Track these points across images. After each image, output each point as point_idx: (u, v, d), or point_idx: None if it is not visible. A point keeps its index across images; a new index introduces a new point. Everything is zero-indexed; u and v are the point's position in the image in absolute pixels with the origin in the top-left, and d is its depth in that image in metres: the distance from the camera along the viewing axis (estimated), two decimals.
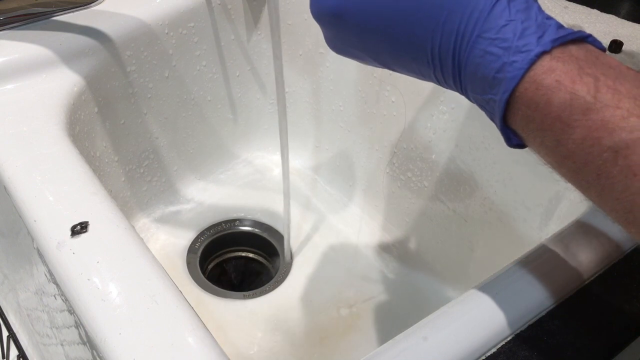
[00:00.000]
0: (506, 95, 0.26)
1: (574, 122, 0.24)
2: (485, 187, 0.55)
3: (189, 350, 0.33)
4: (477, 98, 0.28)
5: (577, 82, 0.24)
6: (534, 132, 0.26)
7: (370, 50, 0.31)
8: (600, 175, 0.25)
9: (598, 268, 0.38)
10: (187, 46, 0.64)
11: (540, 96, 0.25)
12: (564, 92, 0.24)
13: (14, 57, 0.52)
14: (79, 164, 0.45)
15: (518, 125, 0.27)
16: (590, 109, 0.24)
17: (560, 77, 0.25)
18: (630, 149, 0.23)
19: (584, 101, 0.24)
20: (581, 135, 0.24)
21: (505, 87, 0.26)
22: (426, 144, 0.60)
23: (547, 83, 0.25)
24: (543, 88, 0.25)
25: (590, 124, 0.24)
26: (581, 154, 0.25)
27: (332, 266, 0.66)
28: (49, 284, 0.42)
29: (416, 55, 0.28)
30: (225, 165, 0.74)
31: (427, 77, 0.30)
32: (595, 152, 0.24)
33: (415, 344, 0.33)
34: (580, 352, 0.34)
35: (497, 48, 0.26)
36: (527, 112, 0.26)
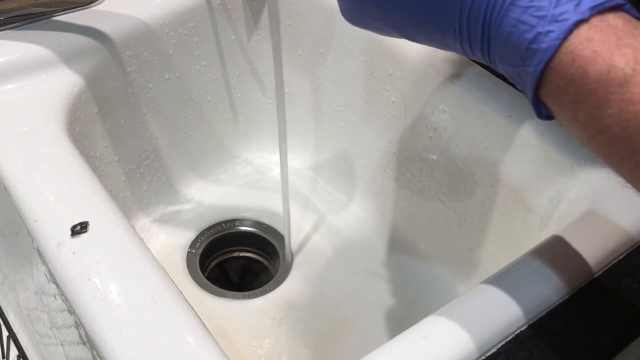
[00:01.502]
0: (540, 67, 0.25)
1: (611, 96, 0.23)
2: (485, 187, 0.55)
3: (189, 350, 0.33)
4: (507, 69, 0.27)
5: (615, 54, 0.23)
6: (567, 105, 0.25)
7: (391, 20, 0.29)
8: (635, 150, 0.24)
9: (598, 268, 0.38)
10: (187, 46, 0.64)
11: (576, 68, 0.24)
12: (602, 64, 0.23)
13: (14, 57, 0.52)
14: (79, 164, 0.45)
15: (550, 97, 0.26)
16: (628, 81, 0.23)
17: (598, 47, 0.24)
18: None
19: (622, 73, 0.23)
20: (618, 109, 0.23)
21: (540, 58, 0.25)
22: (426, 144, 0.60)
23: (584, 54, 0.24)
24: (579, 59, 0.24)
25: (629, 97, 0.23)
26: (617, 128, 0.24)
27: (332, 266, 0.66)
28: (49, 284, 0.42)
29: (442, 25, 0.27)
30: (225, 165, 0.74)
31: (452, 48, 0.28)
32: (631, 127, 0.23)
33: (415, 344, 0.33)
34: (580, 352, 0.34)
35: (531, 17, 0.24)
36: (561, 84, 0.24)
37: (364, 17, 0.31)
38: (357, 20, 0.32)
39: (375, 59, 0.61)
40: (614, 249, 0.39)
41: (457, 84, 0.54)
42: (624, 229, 0.41)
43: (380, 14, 0.29)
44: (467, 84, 0.54)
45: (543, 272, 0.37)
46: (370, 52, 0.61)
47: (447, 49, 0.29)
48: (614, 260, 0.39)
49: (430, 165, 0.60)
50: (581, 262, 0.38)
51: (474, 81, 0.54)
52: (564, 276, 0.37)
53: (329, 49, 0.65)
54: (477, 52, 0.27)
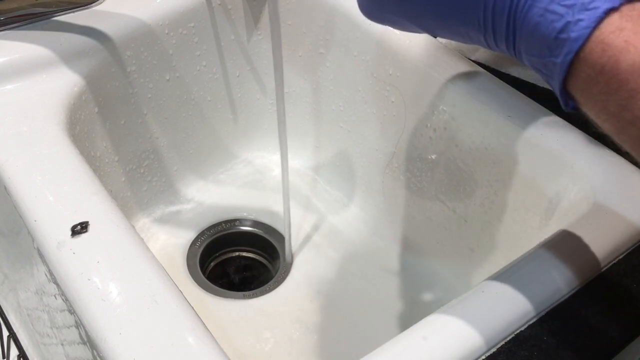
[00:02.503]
0: (569, 57, 0.24)
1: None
2: (485, 187, 0.55)
3: (189, 350, 0.33)
4: (533, 61, 0.26)
5: None
6: (597, 96, 0.24)
7: (412, 14, 0.28)
8: None
9: (598, 267, 0.38)
10: (187, 46, 0.64)
11: (607, 57, 0.23)
12: (634, 54, 0.23)
13: (14, 57, 0.52)
14: (79, 164, 0.45)
15: (579, 89, 0.25)
16: None
17: (630, 37, 0.23)
18: None
19: None
20: None
21: (569, 48, 0.24)
22: (426, 144, 0.60)
23: (616, 43, 0.23)
24: (611, 49, 0.23)
25: None
26: None
27: (332, 266, 0.66)
28: (49, 283, 0.42)
29: (465, 18, 0.26)
30: (225, 165, 0.74)
31: (475, 40, 0.28)
32: None
33: (415, 344, 0.33)
34: (580, 352, 0.34)
35: (559, 6, 0.24)
36: (591, 74, 0.24)
37: (383, 12, 0.30)
38: (376, 16, 0.31)
39: (375, 59, 0.61)
40: (613, 249, 0.39)
41: (457, 84, 0.54)
42: (624, 229, 0.41)
43: (400, 7, 0.28)
44: (467, 84, 0.54)
45: (543, 272, 0.37)
46: (370, 52, 0.61)
47: (470, 42, 0.28)
48: (613, 260, 0.39)
49: (430, 165, 0.60)
50: (581, 262, 0.38)
51: (474, 81, 0.54)
52: (564, 276, 0.37)
53: (329, 49, 0.65)
54: (502, 44, 0.27)
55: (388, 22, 0.31)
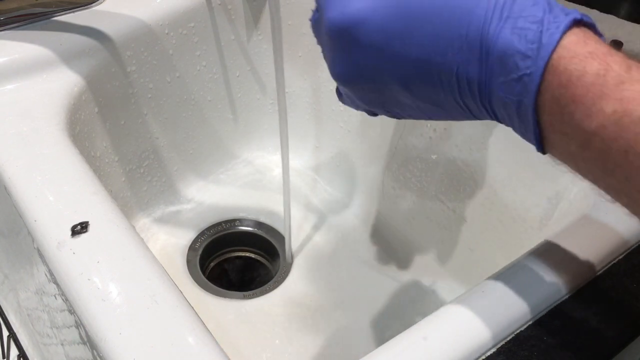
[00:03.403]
0: (543, 62, 0.25)
1: (607, 93, 0.24)
2: (485, 187, 0.55)
3: (189, 350, 0.33)
4: (504, 95, 0.26)
5: (608, 57, 0.24)
6: (563, 107, 0.25)
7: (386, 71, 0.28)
8: (628, 152, 0.24)
9: (598, 268, 0.38)
10: (187, 46, 0.64)
11: (575, 64, 0.24)
12: (598, 63, 0.24)
13: (14, 57, 0.52)
14: (79, 164, 0.45)
15: (546, 103, 0.25)
16: (623, 81, 0.24)
17: (593, 49, 0.24)
18: None
19: (617, 73, 0.24)
20: (612, 108, 0.24)
21: (543, 53, 0.25)
22: (426, 144, 0.60)
23: (581, 52, 0.24)
24: (578, 57, 0.24)
25: (623, 96, 0.23)
26: (611, 127, 0.24)
27: (332, 266, 0.66)
28: (49, 283, 0.42)
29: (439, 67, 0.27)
30: (225, 165, 0.74)
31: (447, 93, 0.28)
32: (625, 124, 0.23)
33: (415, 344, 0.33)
34: (580, 352, 0.34)
35: (529, 23, 0.25)
36: (560, 82, 0.25)
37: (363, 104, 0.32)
38: (359, 107, 0.33)
39: None
40: (613, 249, 0.39)
41: None
42: (624, 229, 0.41)
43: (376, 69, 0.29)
44: None
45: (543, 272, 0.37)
46: None
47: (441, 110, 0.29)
48: (613, 260, 0.39)
49: (430, 165, 0.60)
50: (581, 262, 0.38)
51: None
52: (564, 276, 0.37)
53: None
54: (474, 88, 0.27)
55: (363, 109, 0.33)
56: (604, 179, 0.26)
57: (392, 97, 0.30)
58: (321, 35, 0.30)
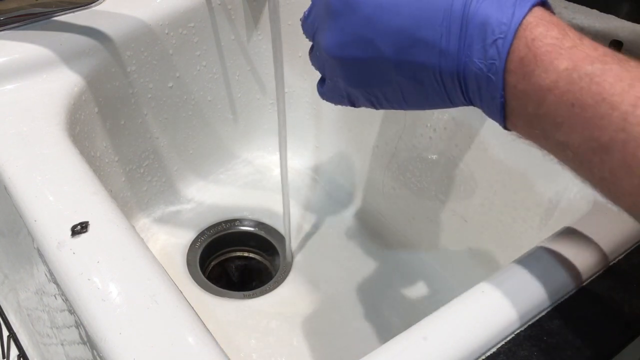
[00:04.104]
0: (515, 26, 0.29)
1: (563, 54, 0.28)
2: (485, 187, 0.55)
3: (189, 350, 0.33)
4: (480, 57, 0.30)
5: (567, 29, 0.29)
6: (528, 66, 0.29)
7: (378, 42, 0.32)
8: (575, 104, 0.28)
9: (598, 268, 0.38)
10: (187, 46, 0.64)
11: (542, 27, 0.29)
12: (558, 30, 0.29)
13: (14, 57, 0.52)
14: (79, 164, 0.45)
15: (513, 63, 0.29)
16: (576, 45, 0.28)
17: (555, 21, 0.29)
18: (603, 76, 0.27)
19: (571, 39, 0.29)
20: (565, 65, 0.28)
21: (516, 19, 0.29)
22: (426, 144, 0.60)
23: (546, 20, 0.29)
24: (542, 23, 0.29)
25: (575, 56, 0.28)
26: (562, 83, 0.28)
27: (332, 266, 0.66)
28: (49, 283, 0.42)
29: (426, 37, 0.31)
30: (225, 165, 0.74)
31: (426, 78, 0.32)
32: (575, 79, 0.28)
33: (415, 344, 0.33)
34: (580, 352, 0.34)
35: None
36: (527, 42, 0.29)
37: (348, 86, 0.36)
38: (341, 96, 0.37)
39: None
40: (613, 249, 0.39)
41: None
42: (624, 229, 0.41)
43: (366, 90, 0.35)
44: None
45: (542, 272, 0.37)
46: None
47: (421, 88, 0.33)
48: (613, 260, 0.39)
49: (430, 165, 0.60)
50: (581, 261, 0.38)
51: None
52: (564, 276, 0.37)
53: None
54: (453, 64, 0.31)
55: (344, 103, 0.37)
56: (553, 135, 0.30)
57: (377, 73, 0.34)
58: (318, 15, 0.35)
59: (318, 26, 0.35)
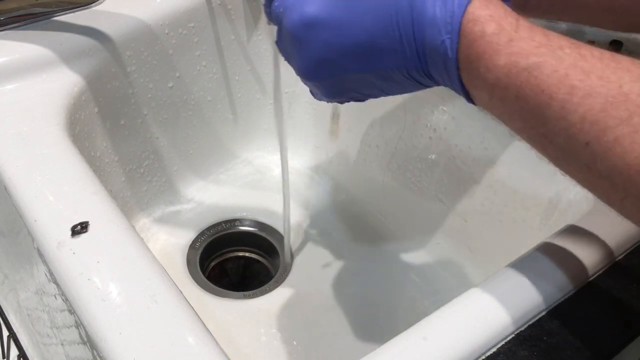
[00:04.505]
0: (457, 27, 0.30)
1: (500, 49, 0.29)
2: (485, 187, 0.55)
3: (189, 350, 0.33)
4: (433, 54, 0.31)
5: (503, 19, 0.30)
6: (472, 63, 0.30)
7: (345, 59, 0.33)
8: (518, 96, 0.29)
9: (598, 268, 0.38)
10: (187, 46, 0.64)
11: (478, 26, 0.30)
12: (495, 25, 0.30)
13: (14, 57, 0.52)
14: (79, 164, 0.45)
15: (462, 62, 0.31)
16: (512, 39, 0.29)
17: (492, 12, 0.30)
18: (539, 69, 0.28)
19: (508, 33, 0.29)
20: (504, 61, 0.29)
21: (455, 19, 0.30)
22: (426, 144, 0.60)
23: (483, 15, 0.30)
24: (480, 20, 0.30)
25: (511, 51, 0.29)
26: (504, 78, 0.29)
27: (332, 266, 0.66)
28: (49, 283, 0.42)
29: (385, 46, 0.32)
30: (225, 165, 0.74)
31: (397, 78, 0.33)
32: (513, 74, 0.29)
33: (415, 344, 0.33)
34: (580, 352, 0.34)
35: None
36: (468, 42, 0.30)
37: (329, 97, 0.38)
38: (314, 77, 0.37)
39: None
40: (613, 249, 0.39)
41: None
42: (623, 229, 0.41)
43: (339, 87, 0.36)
44: None
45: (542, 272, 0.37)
46: None
47: (396, 85, 0.34)
48: (613, 260, 0.39)
49: (430, 165, 0.60)
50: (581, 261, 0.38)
51: None
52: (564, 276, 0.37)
53: None
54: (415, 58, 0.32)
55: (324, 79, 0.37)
56: (509, 121, 0.31)
57: (350, 84, 0.35)
58: (285, 46, 0.37)
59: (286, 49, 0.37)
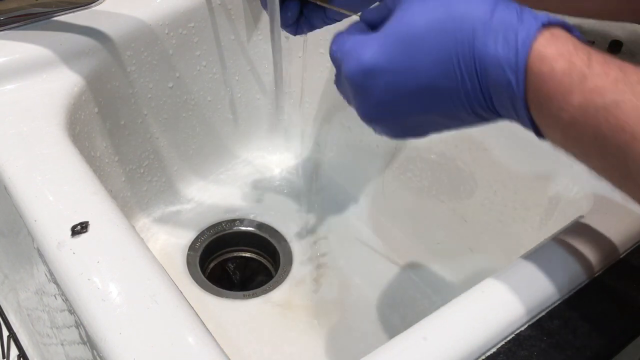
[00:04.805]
0: (522, 68, 0.28)
1: (573, 88, 0.28)
2: (485, 187, 0.55)
3: (189, 350, 0.33)
4: (501, 98, 0.30)
5: (573, 55, 0.28)
6: (543, 103, 0.29)
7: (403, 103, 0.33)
8: (596, 136, 0.28)
9: (598, 268, 0.38)
10: (187, 46, 0.64)
11: (546, 65, 0.28)
12: (564, 62, 0.28)
13: (14, 57, 0.52)
14: (79, 164, 0.45)
15: (531, 102, 0.29)
16: (585, 76, 0.28)
17: (560, 49, 0.28)
18: (619, 107, 0.27)
19: (580, 70, 0.28)
20: (579, 100, 0.28)
21: (521, 59, 0.29)
22: (426, 144, 0.60)
23: (550, 53, 0.28)
24: (547, 58, 0.28)
25: (586, 88, 0.28)
26: (580, 117, 0.28)
27: (332, 266, 0.66)
28: (49, 283, 0.42)
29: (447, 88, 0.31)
30: (225, 165, 0.74)
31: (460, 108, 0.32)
32: (590, 114, 0.28)
33: (415, 344, 0.33)
34: (580, 352, 0.34)
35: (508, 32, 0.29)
36: (536, 82, 0.28)
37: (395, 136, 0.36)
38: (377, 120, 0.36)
39: None
40: (613, 249, 0.39)
41: None
42: (624, 229, 0.41)
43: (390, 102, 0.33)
44: None
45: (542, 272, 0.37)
46: None
47: (461, 122, 0.33)
48: (613, 260, 0.39)
49: (430, 165, 0.60)
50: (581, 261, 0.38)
51: None
52: (564, 276, 0.37)
53: None
54: (480, 98, 0.31)
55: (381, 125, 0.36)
56: (587, 162, 0.30)
57: (414, 123, 0.34)
58: (345, 89, 0.35)
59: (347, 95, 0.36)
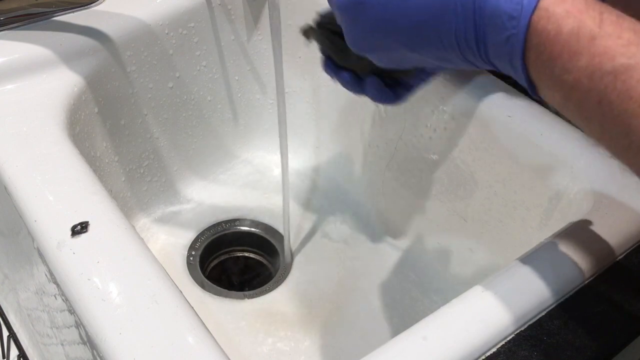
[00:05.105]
0: (525, 22, 0.27)
1: (580, 49, 0.26)
2: (485, 187, 0.55)
3: (189, 350, 0.33)
4: (498, 51, 0.29)
5: (584, 13, 0.26)
6: (545, 63, 0.27)
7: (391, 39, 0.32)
8: (601, 102, 0.26)
9: (597, 267, 0.38)
10: (187, 46, 0.64)
11: (552, 24, 0.27)
12: (573, 21, 0.26)
13: (14, 57, 0.52)
14: (79, 164, 0.45)
15: (531, 60, 0.28)
16: (594, 37, 0.26)
17: (569, 7, 0.27)
18: (628, 73, 0.25)
19: (589, 30, 0.26)
20: (585, 62, 0.26)
21: (524, 14, 0.27)
22: (426, 144, 0.60)
23: (558, 12, 0.27)
24: (554, 16, 0.27)
25: (594, 51, 0.26)
26: (585, 80, 0.26)
27: (332, 266, 0.66)
28: (49, 283, 0.42)
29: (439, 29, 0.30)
30: (225, 165, 0.74)
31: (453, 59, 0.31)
32: (597, 77, 0.26)
33: (415, 344, 0.33)
34: (580, 352, 0.34)
35: None
36: (540, 41, 0.27)
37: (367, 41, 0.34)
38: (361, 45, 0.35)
39: None
40: (613, 249, 0.39)
41: (458, 85, 0.54)
42: (624, 229, 0.41)
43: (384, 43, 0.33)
44: (467, 84, 0.54)
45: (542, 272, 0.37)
46: None
47: (444, 62, 0.32)
48: (613, 260, 0.39)
49: (430, 165, 0.60)
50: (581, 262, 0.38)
51: (474, 81, 0.54)
52: (564, 276, 0.37)
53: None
54: (472, 47, 0.30)
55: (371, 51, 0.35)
56: (586, 126, 0.29)
57: (404, 58, 0.33)
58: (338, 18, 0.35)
59: None
